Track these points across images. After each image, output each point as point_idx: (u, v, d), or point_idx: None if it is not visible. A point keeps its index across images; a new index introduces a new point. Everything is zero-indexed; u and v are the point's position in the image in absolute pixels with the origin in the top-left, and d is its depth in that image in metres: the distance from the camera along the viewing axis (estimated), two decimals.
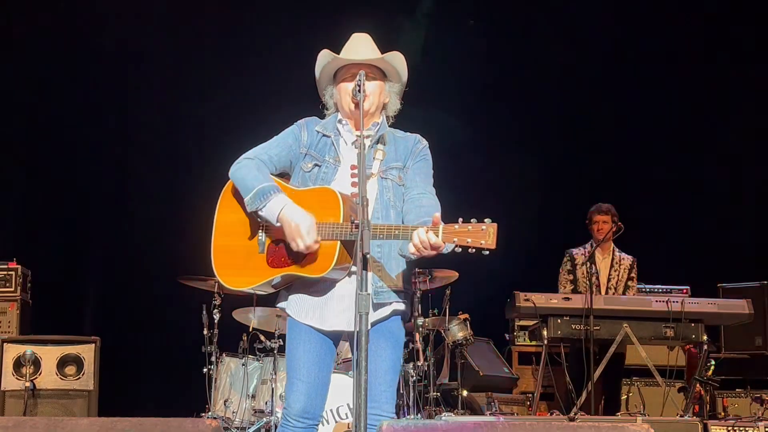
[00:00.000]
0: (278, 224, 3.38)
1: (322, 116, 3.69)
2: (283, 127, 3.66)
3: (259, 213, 3.42)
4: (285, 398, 3.53)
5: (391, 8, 8.77)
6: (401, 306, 3.54)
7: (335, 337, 3.54)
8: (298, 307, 3.50)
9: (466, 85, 9.07)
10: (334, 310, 3.45)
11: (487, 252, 3.10)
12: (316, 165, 3.54)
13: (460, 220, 3.14)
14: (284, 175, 3.63)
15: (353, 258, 3.34)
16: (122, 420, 3.04)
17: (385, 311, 3.49)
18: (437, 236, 3.14)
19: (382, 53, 3.57)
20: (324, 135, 3.59)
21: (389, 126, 3.67)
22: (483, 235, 3.09)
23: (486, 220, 3.12)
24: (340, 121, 3.61)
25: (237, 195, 3.52)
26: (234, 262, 3.50)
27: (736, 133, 8.98)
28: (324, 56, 3.57)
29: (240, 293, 3.61)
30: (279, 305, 3.61)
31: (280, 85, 8.41)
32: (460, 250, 3.14)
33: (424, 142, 3.64)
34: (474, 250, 3.12)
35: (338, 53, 3.57)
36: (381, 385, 3.42)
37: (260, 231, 3.48)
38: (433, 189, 3.58)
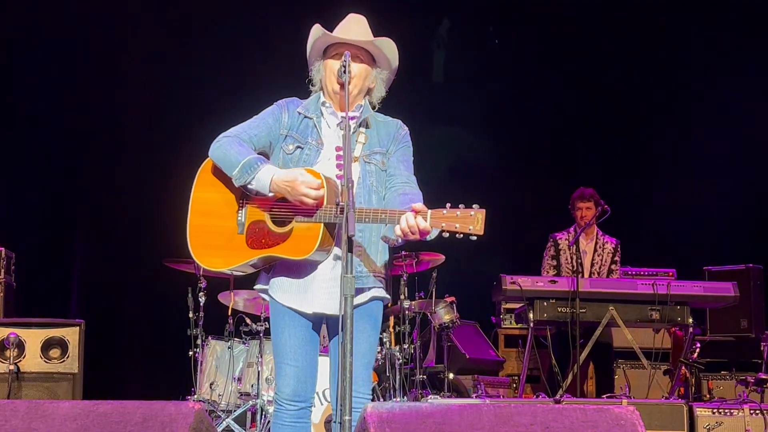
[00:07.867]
0: (271, 194, 3.35)
1: (306, 94, 3.64)
2: (265, 105, 3.62)
3: (249, 186, 3.38)
4: (275, 383, 3.53)
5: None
6: (381, 293, 3.53)
7: (317, 321, 3.52)
8: (280, 289, 3.47)
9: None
10: (315, 293, 3.43)
11: (475, 238, 3.11)
12: (298, 147, 3.49)
13: (448, 205, 3.14)
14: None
15: (335, 240, 3.33)
16: (104, 403, 3.02)
17: (363, 297, 3.47)
18: (426, 221, 3.13)
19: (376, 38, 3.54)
20: (306, 117, 3.54)
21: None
22: (471, 220, 3.10)
23: (474, 205, 3.12)
24: (323, 104, 3.56)
25: (217, 173, 3.47)
26: (212, 242, 3.45)
27: (722, 115, 8.96)
28: (315, 31, 3.54)
29: (219, 274, 3.58)
30: (258, 286, 3.58)
31: (265, 65, 8.35)
32: (448, 235, 3.14)
33: (405, 129, 3.63)
34: (462, 235, 3.12)
35: (333, 30, 3.53)
36: (358, 367, 3.38)
37: (239, 211, 3.44)
38: (414, 177, 3.57)
